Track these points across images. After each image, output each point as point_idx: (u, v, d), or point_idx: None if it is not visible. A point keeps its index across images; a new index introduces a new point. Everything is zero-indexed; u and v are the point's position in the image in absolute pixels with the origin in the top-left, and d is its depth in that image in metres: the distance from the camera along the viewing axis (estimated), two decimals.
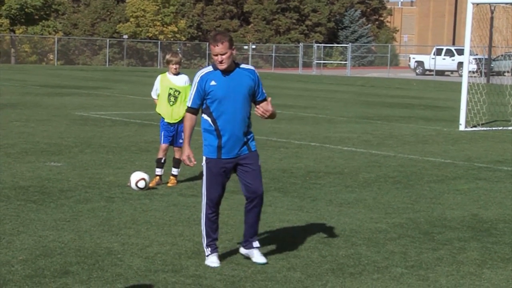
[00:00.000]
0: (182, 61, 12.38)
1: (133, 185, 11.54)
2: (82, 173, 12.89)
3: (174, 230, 9.13)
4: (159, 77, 12.48)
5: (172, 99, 12.27)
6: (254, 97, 7.83)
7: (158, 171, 12.28)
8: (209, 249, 7.86)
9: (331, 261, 8.05)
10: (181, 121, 12.21)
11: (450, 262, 8.17)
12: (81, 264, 7.64)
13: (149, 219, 9.68)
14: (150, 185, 11.81)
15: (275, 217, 10.02)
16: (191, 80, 12.31)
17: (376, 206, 11.01)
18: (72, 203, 10.50)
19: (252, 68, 7.92)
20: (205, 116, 7.82)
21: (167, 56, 12.44)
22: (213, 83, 7.67)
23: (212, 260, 7.78)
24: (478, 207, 11.18)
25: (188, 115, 7.91)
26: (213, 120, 7.75)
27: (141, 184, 11.53)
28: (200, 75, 7.76)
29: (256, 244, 7.96)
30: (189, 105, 7.84)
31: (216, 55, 7.62)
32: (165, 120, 12.34)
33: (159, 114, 12.43)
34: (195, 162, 7.91)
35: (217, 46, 7.61)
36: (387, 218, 10.18)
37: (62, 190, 11.39)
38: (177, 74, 12.38)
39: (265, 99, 7.85)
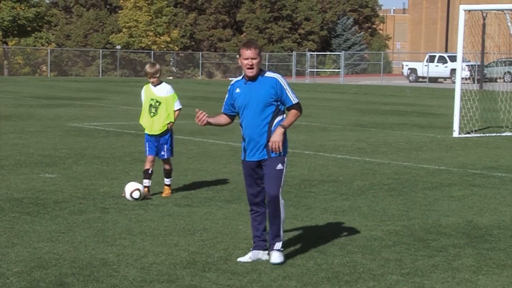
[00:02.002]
0: (160, 71, 12.14)
1: (127, 195, 11.53)
2: (76, 184, 12.88)
3: (169, 240, 9.13)
4: (143, 88, 12.35)
5: (153, 110, 12.12)
6: (283, 104, 8.23)
7: (146, 182, 12.16)
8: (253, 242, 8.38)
9: (326, 269, 8.06)
10: (162, 134, 12.15)
11: (445, 269, 8.17)
12: (76, 275, 7.63)
13: (144, 230, 9.67)
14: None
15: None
16: (175, 89, 12.36)
17: (371, 214, 11.02)
18: (67, 215, 10.48)
19: (275, 76, 8.26)
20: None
21: (145, 68, 12.30)
22: (238, 90, 8.27)
23: (247, 256, 8.26)
24: (472, 214, 11.19)
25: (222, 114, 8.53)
26: (240, 125, 8.39)
27: (136, 194, 11.52)
28: (231, 83, 8.40)
29: (276, 246, 8.23)
30: (222, 110, 8.51)
31: (247, 59, 8.05)
32: (145, 132, 12.26)
33: (142, 125, 12.35)
34: (203, 119, 8.32)
35: (250, 50, 8.06)
36: (382, 226, 10.19)
37: (56, 201, 11.38)
38: (158, 84, 12.19)
39: (293, 106, 8.20)
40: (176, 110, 12.25)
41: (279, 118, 8.23)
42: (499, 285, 7.69)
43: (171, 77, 78.46)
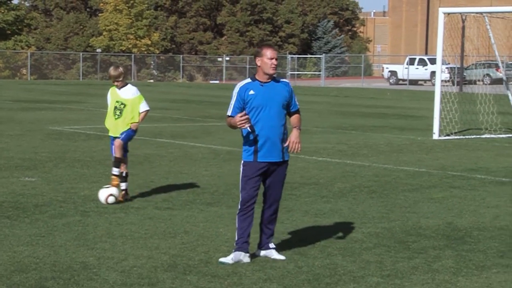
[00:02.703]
0: (124, 74, 12.04)
1: (104, 202, 11.49)
2: (56, 188, 12.84)
3: (150, 244, 9.12)
4: (109, 91, 12.28)
5: (118, 112, 12.05)
6: (288, 108, 8.47)
7: (123, 185, 12.02)
8: (236, 245, 8.42)
9: (307, 271, 8.07)
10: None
11: (425, 271, 8.21)
12: (56, 279, 7.61)
13: (124, 233, 9.65)
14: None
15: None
16: (140, 91, 12.29)
17: (351, 216, 11.05)
18: (47, 218, 10.45)
19: (287, 81, 8.57)
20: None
21: (108, 72, 12.21)
22: (251, 92, 8.31)
23: (230, 257, 8.30)
24: (452, 216, 11.25)
25: (229, 118, 8.39)
26: (251, 127, 8.29)
27: (111, 199, 11.50)
28: (240, 86, 8.39)
29: (272, 245, 8.59)
30: (230, 114, 8.36)
31: (272, 58, 8.28)
32: (109, 134, 12.20)
33: (106, 127, 12.28)
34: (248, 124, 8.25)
35: (275, 51, 8.35)
36: (363, 228, 10.22)
37: (36, 205, 11.34)
38: (123, 86, 12.12)
39: (297, 110, 8.54)
40: (143, 112, 12.16)
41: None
42: (478, 286, 7.73)
43: (152, 80, 78.34)
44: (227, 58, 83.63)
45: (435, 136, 23.10)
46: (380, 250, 9.03)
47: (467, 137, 23.64)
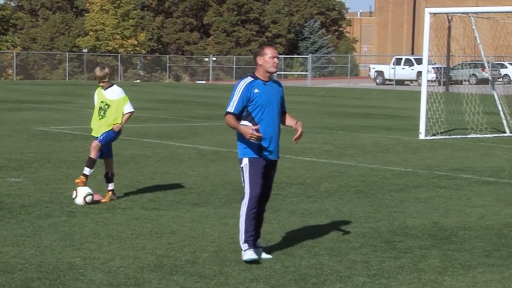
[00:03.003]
0: (109, 74, 12.00)
1: (83, 204, 11.43)
2: (42, 188, 12.80)
3: (136, 244, 9.10)
4: (96, 91, 12.24)
5: (102, 113, 12.02)
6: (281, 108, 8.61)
7: (109, 185, 12.01)
8: (247, 244, 8.36)
9: (294, 271, 8.08)
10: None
11: (411, 270, 8.23)
12: (42, 279, 7.59)
13: (111, 233, 9.63)
14: (103, 200, 11.72)
15: (237, 228, 9.99)
16: (125, 92, 12.25)
17: (338, 216, 11.06)
18: (33, 219, 10.41)
19: (279, 81, 8.79)
20: (246, 122, 8.34)
21: (94, 72, 12.17)
22: (256, 90, 8.36)
23: (251, 254, 8.26)
24: (438, 215, 11.28)
25: (230, 116, 8.33)
26: (255, 125, 8.31)
27: (89, 198, 11.48)
28: (245, 83, 8.38)
29: (259, 244, 8.61)
30: (232, 111, 8.33)
31: (275, 57, 8.40)
32: (92, 134, 12.16)
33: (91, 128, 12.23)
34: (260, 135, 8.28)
35: (276, 50, 8.48)
36: (349, 228, 10.24)
37: (22, 205, 11.30)
38: (109, 87, 12.08)
39: (285, 113, 8.68)
40: (127, 113, 12.12)
41: None
42: (464, 285, 7.76)
43: (138, 80, 78.20)
44: (214, 58, 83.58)
45: (422, 136, 23.16)
46: (366, 250, 9.04)
47: (453, 137, 23.71)
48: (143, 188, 12.93)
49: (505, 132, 25.10)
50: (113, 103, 11.99)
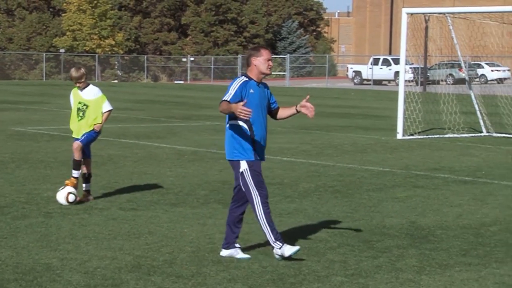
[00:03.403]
0: (85, 75, 11.95)
1: (65, 203, 11.39)
2: (19, 189, 12.73)
3: (114, 244, 9.07)
4: (71, 92, 12.17)
5: (81, 113, 11.96)
6: (270, 106, 8.69)
7: (85, 186, 12.02)
8: (279, 241, 8.42)
9: (271, 271, 8.08)
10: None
11: (389, 270, 8.25)
12: (19, 281, 7.54)
13: (88, 234, 9.59)
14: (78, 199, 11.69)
15: (215, 228, 10.00)
16: (102, 91, 12.20)
17: (316, 216, 11.08)
18: (10, 220, 10.35)
19: (266, 83, 8.75)
20: (240, 122, 8.35)
21: (70, 73, 12.10)
22: (252, 91, 8.41)
23: (290, 247, 8.35)
24: (416, 215, 11.32)
25: (225, 102, 8.25)
26: (250, 126, 8.39)
27: (71, 198, 11.44)
28: (242, 81, 8.39)
29: (237, 244, 8.66)
30: (228, 99, 8.24)
31: (269, 60, 8.46)
32: (73, 135, 12.10)
33: (71, 129, 12.17)
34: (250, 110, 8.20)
35: (271, 53, 8.57)
36: (327, 227, 10.25)
37: None
38: (85, 87, 12.02)
39: (278, 108, 8.78)
40: (106, 112, 12.09)
41: None
42: (441, 284, 7.79)
43: (116, 81, 77.97)
44: (192, 59, 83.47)
45: (399, 136, 23.24)
46: (344, 250, 9.06)
47: (430, 136, 23.81)
48: (120, 189, 12.89)
49: (482, 132, 25.23)
50: (91, 103, 11.95)
